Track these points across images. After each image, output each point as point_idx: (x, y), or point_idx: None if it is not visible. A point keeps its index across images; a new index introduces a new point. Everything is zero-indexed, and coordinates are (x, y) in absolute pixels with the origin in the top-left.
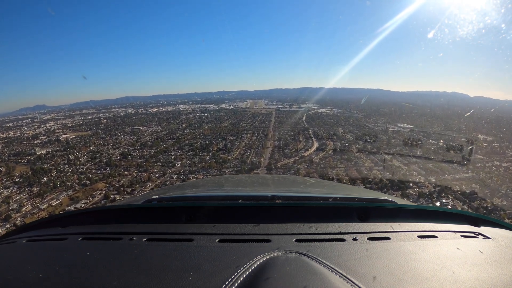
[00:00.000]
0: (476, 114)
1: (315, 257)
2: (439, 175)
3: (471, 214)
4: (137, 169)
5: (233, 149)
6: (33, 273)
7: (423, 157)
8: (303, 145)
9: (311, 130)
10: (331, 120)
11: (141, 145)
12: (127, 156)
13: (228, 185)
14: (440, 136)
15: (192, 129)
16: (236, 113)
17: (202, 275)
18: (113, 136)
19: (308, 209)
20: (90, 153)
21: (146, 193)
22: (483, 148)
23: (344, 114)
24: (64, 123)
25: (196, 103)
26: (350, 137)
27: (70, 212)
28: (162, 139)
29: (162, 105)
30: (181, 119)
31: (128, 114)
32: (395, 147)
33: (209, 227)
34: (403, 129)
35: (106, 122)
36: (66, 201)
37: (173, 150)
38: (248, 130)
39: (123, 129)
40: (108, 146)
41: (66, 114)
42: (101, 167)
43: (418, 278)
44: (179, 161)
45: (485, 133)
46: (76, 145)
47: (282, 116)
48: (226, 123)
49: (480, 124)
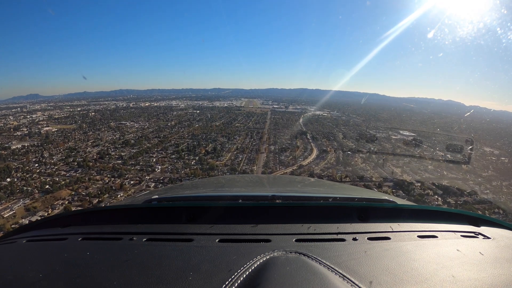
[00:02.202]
0: (477, 124)
1: (315, 257)
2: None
3: (471, 214)
4: (111, 173)
5: (223, 153)
6: (33, 273)
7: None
8: (301, 151)
9: (309, 134)
10: (329, 124)
11: (123, 143)
12: (104, 156)
13: (228, 185)
14: (446, 146)
15: (181, 127)
16: (230, 111)
17: (202, 275)
18: (96, 132)
19: (308, 209)
20: (66, 150)
21: (146, 193)
22: (493, 163)
23: (342, 117)
24: (51, 115)
25: (190, 99)
26: (352, 143)
27: (70, 212)
28: (147, 137)
29: (155, 100)
30: (171, 115)
31: (119, 107)
32: (403, 158)
33: (209, 227)
34: (406, 137)
35: (94, 115)
36: (21, 212)
37: (156, 151)
38: (241, 131)
39: (108, 124)
40: (88, 143)
41: (57, 104)
42: (73, 168)
43: (418, 278)
44: (160, 165)
45: (490, 145)
46: (55, 140)
47: (278, 117)
48: (218, 122)
49: (483, 135)
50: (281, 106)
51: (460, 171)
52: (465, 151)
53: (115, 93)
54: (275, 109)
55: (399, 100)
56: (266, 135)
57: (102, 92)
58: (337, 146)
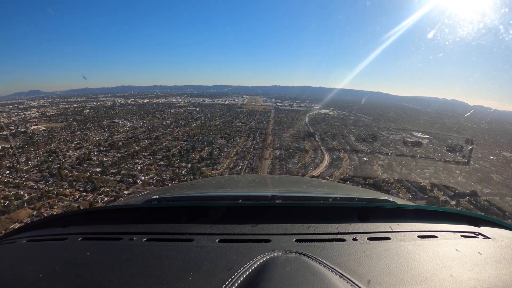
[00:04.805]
0: (491, 126)
1: (315, 257)
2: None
3: (471, 214)
4: (84, 185)
5: (220, 159)
6: (33, 273)
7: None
8: (311, 157)
9: (318, 135)
10: (337, 124)
11: (109, 145)
12: (83, 162)
13: (228, 185)
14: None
15: (177, 126)
16: (231, 109)
17: (202, 275)
18: (84, 131)
19: (308, 209)
20: (45, 154)
21: (146, 193)
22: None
23: (349, 117)
24: (45, 112)
25: (191, 96)
26: (366, 147)
27: (70, 212)
28: (137, 138)
29: (155, 97)
30: (169, 113)
31: (116, 104)
32: (427, 167)
33: (209, 227)
34: (421, 140)
35: (88, 112)
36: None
37: (144, 156)
38: (243, 132)
39: (100, 122)
40: (72, 145)
41: (55, 101)
42: (44, 177)
43: (418, 278)
44: (144, 175)
45: (508, 150)
46: (38, 141)
47: (282, 115)
48: (218, 121)
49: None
50: (284, 103)
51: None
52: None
53: (117, 90)
54: (278, 107)
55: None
56: (270, 137)
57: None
58: (350, 150)
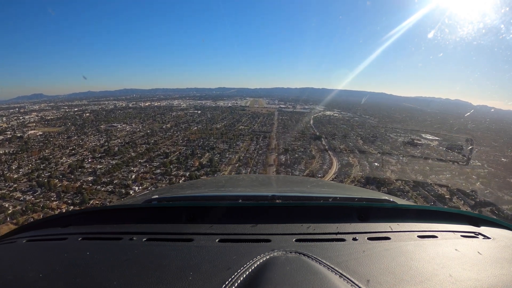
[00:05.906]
0: (493, 126)
1: (315, 257)
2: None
3: (471, 214)
4: (73, 197)
5: (221, 166)
6: (33, 273)
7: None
8: (318, 163)
9: (324, 139)
10: (343, 126)
11: (105, 151)
12: (75, 170)
13: (228, 185)
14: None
15: (177, 130)
16: (233, 112)
17: (202, 275)
18: (81, 136)
19: (308, 209)
20: (38, 161)
21: (146, 193)
22: None
23: (355, 118)
24: (44, 116)
25: (193, 99)
26: (375, 151)
27: (70, 212)
28: (134, 143)
29: (157, 100)
30: (169, 116)
31: (117, 107)
32: (442, 172)
33: (209, 227)
34: (431, 143)
35: (88, 116)
36: None
37: (140, 163)
38: (246, 135)
39: (99, 126)
40: (66, 151)
41: (56, 105)
42: (32, 188)
43: (418, 278)
44: (138, 186)
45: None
46: (33, 147)
47: (285, 118)
48: (219, 124)
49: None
50: (288, 105)
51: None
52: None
53: (119, 93)
54: (282, 108)
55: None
56: (274, 141)
57: (106, 92)
58: (359, 154)
